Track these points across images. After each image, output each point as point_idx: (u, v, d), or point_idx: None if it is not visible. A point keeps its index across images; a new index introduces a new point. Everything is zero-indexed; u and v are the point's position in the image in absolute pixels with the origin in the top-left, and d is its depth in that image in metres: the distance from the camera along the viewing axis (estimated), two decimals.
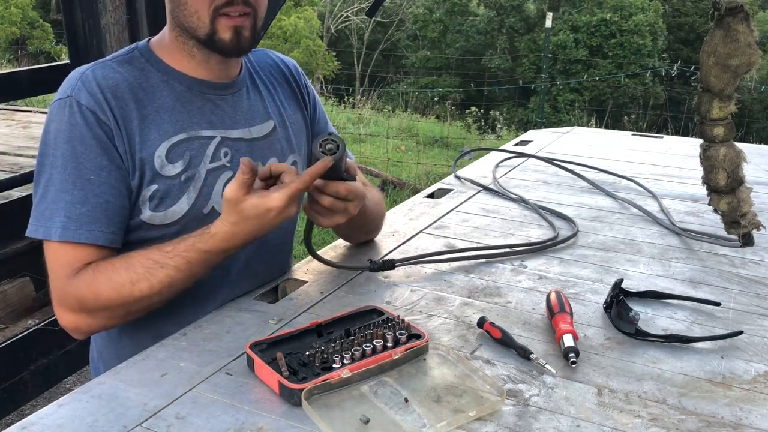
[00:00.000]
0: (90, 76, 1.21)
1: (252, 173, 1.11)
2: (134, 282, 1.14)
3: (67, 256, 1.16)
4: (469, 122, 12.30)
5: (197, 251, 1.16)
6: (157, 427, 0.92)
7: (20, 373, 2.34)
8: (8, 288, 2.46)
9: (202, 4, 1.20)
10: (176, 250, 1.16)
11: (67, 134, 1.17)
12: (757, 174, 2.24)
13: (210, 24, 1.21)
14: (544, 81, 13.21)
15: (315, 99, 1.52)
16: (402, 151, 9.00)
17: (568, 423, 0.95)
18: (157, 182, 1.22)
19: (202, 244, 1.16)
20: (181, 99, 1.27)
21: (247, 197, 1.11)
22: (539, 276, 1.44)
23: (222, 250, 1.17)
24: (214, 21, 1.21)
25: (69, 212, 1.16)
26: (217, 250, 1.16)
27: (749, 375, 1.09)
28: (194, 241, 1.16)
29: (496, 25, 18.06)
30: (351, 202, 1.22)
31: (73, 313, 1.18)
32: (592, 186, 2.12)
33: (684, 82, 15.63)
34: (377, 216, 1.54)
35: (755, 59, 1.35)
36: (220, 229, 1.15)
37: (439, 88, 16.35)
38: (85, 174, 1.17)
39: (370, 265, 1.40)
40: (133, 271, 1.15)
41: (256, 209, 1.12)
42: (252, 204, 1.11)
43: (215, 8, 1.20)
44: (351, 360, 1.03)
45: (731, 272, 1.49)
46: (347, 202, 1.21)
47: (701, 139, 1.47)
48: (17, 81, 2.63)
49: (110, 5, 2.41)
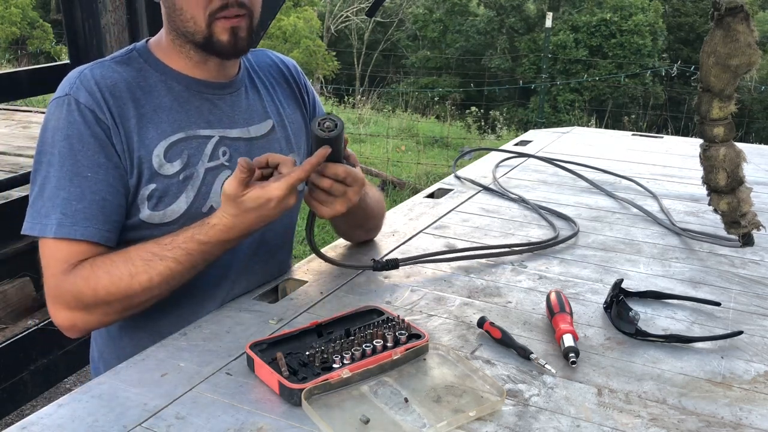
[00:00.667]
0: (88, 75, 1.21)
1: (250, 173, 1.12)
2: (133, 275, 1.14)
3: (62, 252, 1.16)
4: (469, 122, 12.30)
5: (197, 242, 1.16)
6: (157, 427, 0.92)
7: (20, 373, 2.34)
8: (8, 288, 2.46)
9: (198, 9, 1.20)
10: (175, 242, 1.16)
11: (65, 132, 1.17)
12: (757, 174, 2.24)
13: (206, 28, 1.21)
14: (544, 81, 13.21)
15: (314, 99, 1.52)
16: (402, 151, 9.00)
17: (568, 423, 0.95)
18: (155, 181, 1.22)
19: (201, 236, 1.16)
20: (179, 99, 1.27)
21: (247, 191, 1.12)
22: (539, 276, 1.44)
23: (221, 242, 1.17)
24: (211, 25, 1.21)
25: (65, 209, 1.16)
26: (216, 242, 1.16)
27: (749, 375, 1.09)
28: (193, 232, 1.16)
29: (496, 25, 18.06)
30: (351, 187, 1.21)
31: (68, 310, 1.17)
32: (592, 186, 2.12)
33: (684, 82, 15.64)
34: (377, 214, 1.54)
35: (755, 59, 1.35)
36: (219, 220, 1.15)
37: (439, 88, 16.35)
38: (83, 171, 1.17)
39: (374, 264, 1.40)
40: (132, 264, 1.15)
41: (256, 200, 1.12)
42: (252, 196, 1.12)
43: (211, 13, 1.20)
44: (351, 360, 1.03)
45: (731, 272, 1.49)
46: (347, 187, 1.20)
47: (701, 139, 1.47)
48: (17, 81, 2.63)
49: (110, 5, 2.41)
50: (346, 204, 1.22)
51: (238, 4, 1.21)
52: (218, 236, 1.16)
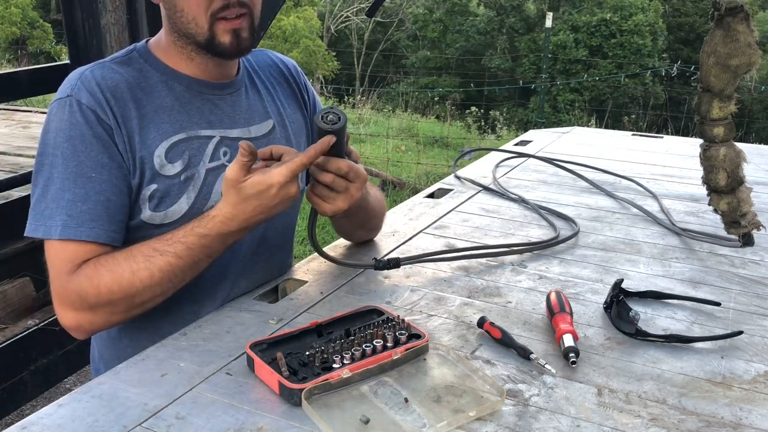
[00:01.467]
0: (89, 76, 1.21)
1: (252, 156, 1.11)
2: (134, 271, 1.14)
3: (67, 253, 1.16)
4: (469, 122, 12.31)
5: (197, 236, 1.16)
6: (157, 427, 0.92)
7: (20, 373, 2.34)
8: (8, 288, 2.46)
9: (199, 10, 1.20)
10: (175, 237, 1.16)
11: (67, 133, 1.17)
12: (757, 174, 2.24)
13: (208, 29, 1.21)
14: (544, 81, 13.21)
15: (315, 99, 1.52)
16: (402, 151, 9.00)
17: (568, 423, 0.95)
18: (156, 182, 1.22)
19: (201, 228, 1.16)
20: (180, 99, 1.27)
21: (248, 176, 1.12)
22: (539, 276, 1.44)
23: (221, 234, 1.16)
24: (213, 26, 1.21)
25: (70, 210, 1.16)
26: (216, 234, 1.16)
27: (749, 375, 1.09)
28: (193, 225, 1.16)
29: (496, 25, 18.06)
30: (353, 183, 1.20)
31: (74, 311, 1.17)
32: (592, 186, 2.12)
33: (684, 82, 15.64)
34: (378, 213, 1.54)
35: (755, 59, 1.35)
36: (219, 211, 1.15)
37: (439, 88, 16.35)
38: (86, 172, 1.17)
39: (375, 263, 1.40)
40: (133, 261, 1.15)
41: (257, 187, 1.12)
42: (252, 182, 1.12)
43: (212, 13, 1.20)
44: (351, 360, 1.03)
45: (731, 272, 1.49)
46: (349, 183, 1.20)
47: (701, 139, 1.47)
48: (17, 81, 2.63)
49: (110, 5, 2.41)
50: (348, 200, 1.21)
51: (239, 3, 1.21)
52: (218, 228, 1.15)
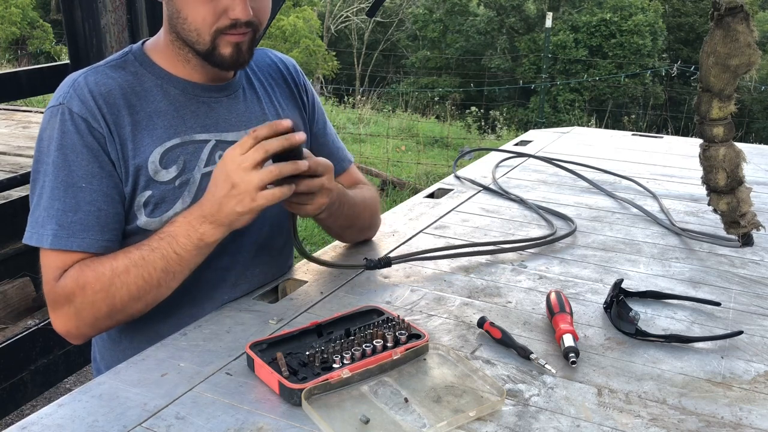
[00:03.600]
0: (82, 83, 1.20)
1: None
2: (114, 267, 1.14)
3: (57, 261, 1.17)
4: (469, 122, 12.31)
5: (171, 223, 1.17)
6: (157, 427, 0.92)
7: (20, 373, 2.34)
8: (8, 288, 2.46)
9: (204, 24, 1.18)
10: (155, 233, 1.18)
11: (58, 142, 1.17)
12: (757, 174, 2.24)
13: (210, 42, 1.20)
14: (544, 81, 13.22)
15: (314, 99, 1.51)
16: (402, 151, 9.00)
17: (568, 423, 0.95)
18: (151, 188, 1.21)
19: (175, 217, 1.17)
20: (175, 103, 1.26)
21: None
22: (539, 276, 1.44)
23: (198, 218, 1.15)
24: (215, 39, 1.20)
25: (60, 220, 1.16)
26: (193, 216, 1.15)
27: (749, 375, 1.09)
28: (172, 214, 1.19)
29: (496, 25, 18.06)
30: (324, 176, 1.20)
31: (64, 315, 1.17)
32: (592, 186, 2.12)
33: (684, 82, 15.65)
34: (366, 212, 1.51)
35: (755, 59, 1.35)
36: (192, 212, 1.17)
37: (439, 88, 16.36)
38: (77, 182, 1.16)
39: (366, 263, 1.40)
40: (113, 258, 1.16)
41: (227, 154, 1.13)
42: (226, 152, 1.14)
43: (217, 29, 1.19)
44: (351, 360, 1.03)
45: (731, 272, 1.49)
46: (320, 178, 1.19)
47: (701, 139, 1.47)
48: (17, 81, 2.63)
49: (110, 5, 2.41)
50: (326, 194, 1.21)
51: (246, 23, 1.19)
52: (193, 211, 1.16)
